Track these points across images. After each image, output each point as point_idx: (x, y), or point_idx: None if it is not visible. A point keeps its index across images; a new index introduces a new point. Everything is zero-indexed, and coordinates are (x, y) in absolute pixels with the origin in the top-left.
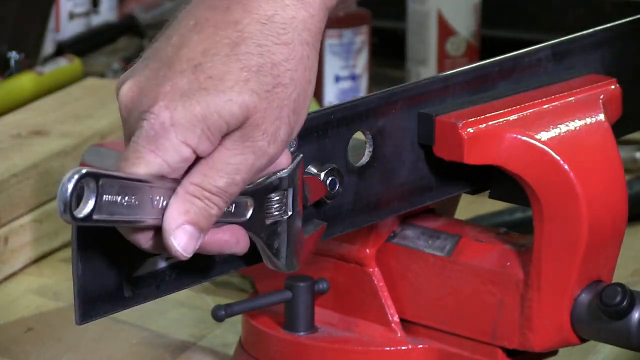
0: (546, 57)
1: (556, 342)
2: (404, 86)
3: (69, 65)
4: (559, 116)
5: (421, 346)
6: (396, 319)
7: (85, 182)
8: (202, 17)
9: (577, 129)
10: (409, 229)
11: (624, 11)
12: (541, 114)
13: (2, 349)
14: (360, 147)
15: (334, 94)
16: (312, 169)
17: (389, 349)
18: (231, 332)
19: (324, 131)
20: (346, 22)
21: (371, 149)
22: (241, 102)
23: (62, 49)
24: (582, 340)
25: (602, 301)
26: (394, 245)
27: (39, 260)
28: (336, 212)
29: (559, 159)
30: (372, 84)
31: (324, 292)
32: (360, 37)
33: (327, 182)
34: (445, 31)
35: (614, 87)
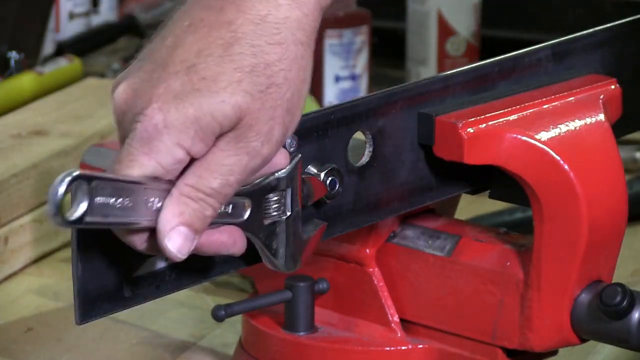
0: (546, 57)
1: (556, 342)
2: (404, 86)
3: (69, 65)
4: (559, 116)
5: (421, 346)
6: (396, 319)
7: (77, 184)
8: (196, 17)
9: (577, 129)
10: (409, 229)
11: (624, 11)
12: (541, 114)
13: (2, 349)
14: (360, 147)
15: (334, 94)
16: (312, 169)
17: (389, 349)
18: (231, 332)
19: (324, 131)
20: (346, 22)
21: (371, 149)
22: (234, 103)
23: (62, 49)
24: (582, 340)
25: (602, 301)
26: (394, 245)
27: (39, 260)
28: (336, 212)
29: (559, 159)
30: (372, 84)
31: (324, 292)
32: (360, 37)
33: (327, 182)
34: (445, 31)
35: (614, 87)
